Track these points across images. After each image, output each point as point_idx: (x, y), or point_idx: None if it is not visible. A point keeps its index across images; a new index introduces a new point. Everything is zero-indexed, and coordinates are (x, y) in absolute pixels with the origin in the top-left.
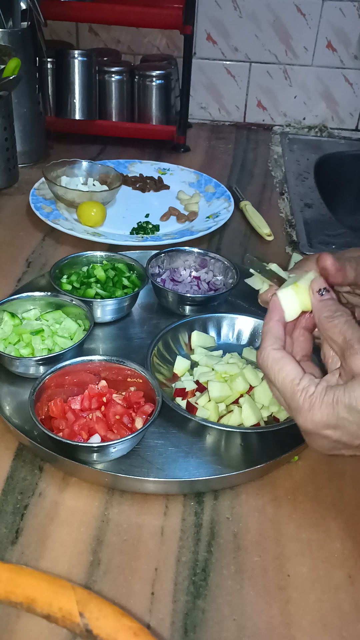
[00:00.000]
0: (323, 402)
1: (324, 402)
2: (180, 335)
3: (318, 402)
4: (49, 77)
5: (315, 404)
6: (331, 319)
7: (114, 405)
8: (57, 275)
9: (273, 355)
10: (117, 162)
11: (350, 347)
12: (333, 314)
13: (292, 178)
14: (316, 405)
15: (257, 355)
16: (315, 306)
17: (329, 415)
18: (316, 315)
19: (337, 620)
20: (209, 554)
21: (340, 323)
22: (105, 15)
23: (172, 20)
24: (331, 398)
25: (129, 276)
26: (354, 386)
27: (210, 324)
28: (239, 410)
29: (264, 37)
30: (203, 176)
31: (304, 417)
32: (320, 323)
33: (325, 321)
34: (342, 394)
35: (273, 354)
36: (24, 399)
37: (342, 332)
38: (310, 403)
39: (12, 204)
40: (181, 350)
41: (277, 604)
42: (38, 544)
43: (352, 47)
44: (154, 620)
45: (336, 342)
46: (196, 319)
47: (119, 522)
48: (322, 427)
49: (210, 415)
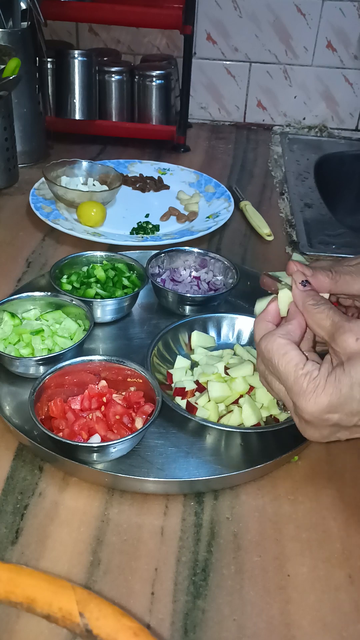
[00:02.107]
0: (327, 383)
1: (328, 382)
2: (180, 335)
3: (322, 384)
4: (49, 77)
5: (319, 385)
6: (317, 306)
7: (114, 405)
8: (57, 275)
9: (279, 341)
10: (117, 162)
11: (340, 327)
12: (317, 302)
13: (292, 178)
14: (320, 386)
15: (262, 341)
16: (299, 296)
17: (332, 395)
18: (301, 304)
19: (337, 620)
20: (209, 554)
21: (326, 309)
22: (105, 15)
23: (172, 20)
24: (333, 378)
25: (129, 276)
26: (353, 363)
27: (210, 324)
28: (238, 410)
29: (264, 37)
30: (203, 176)
31: (307, 400)
32: (307, 311)
33: (311, 308)
34: (342, 374)
35: (279, 340)
36: (24, 399)
37: (329, 316)
38: (315, 385)
39: (12, 204)
40: (181, 350)
41: (277, 604)
42: (38, 544)
43: (352, 47)
44: (154, 620)
45: (324, 326)
46: (196, 319)
47: (119, 522)
48: (325, 410)
49: (210, 415)
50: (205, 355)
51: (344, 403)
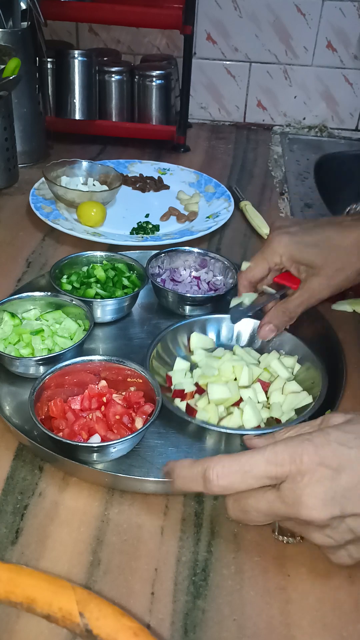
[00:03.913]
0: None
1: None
2: (179, 337)
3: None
4: (49, 77)
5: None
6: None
7: (114, 405)
8: (57, 275)
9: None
10: (117, 162)
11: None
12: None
13: (292, 178)
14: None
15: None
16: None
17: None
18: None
19: (337, 620)
20: (209, 554)
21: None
22: (105, 15)
23: (172, 20)
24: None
25: (129, 276)
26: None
27: (209, 326)
28: (239, 412)
29: (264, 37)
30: (203, 176)
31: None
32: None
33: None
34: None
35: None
36: (24, 399)
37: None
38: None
39: (12, 204)
40: (180, 352)
41: (277, 604)
42: (38, 544)
43: (352, 47)
44: (154, 620)
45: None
46: (195, 320)
47: (119, 522)
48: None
49: (210, 418)
50: (205, 356)
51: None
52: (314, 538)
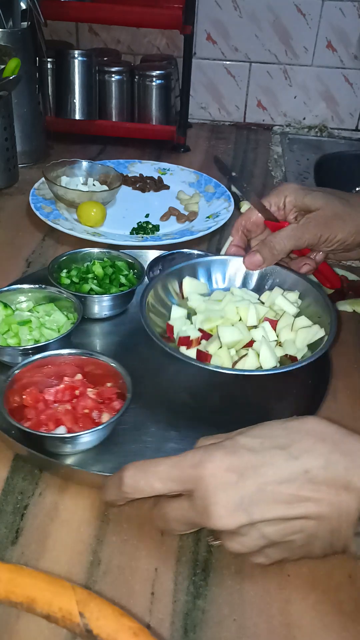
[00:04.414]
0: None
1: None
2: (169, 284)
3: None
4: (49, 77)
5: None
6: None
7: (84, 399)
8: (57, 270)
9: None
10: (117, 162)
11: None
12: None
13: (292, 178)
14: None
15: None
16: None
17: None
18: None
19: (337, 620)
20: (209, 554)
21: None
22: (105, 15)
23: (172, 20)
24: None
25: (127, 274)
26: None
27: (200, 270)
28: (253, 353)
29: (264, 37)
30: (203, 176)
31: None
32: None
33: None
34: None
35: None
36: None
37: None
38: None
39: (12, 204)
40: (173, 300)
41: (277, 604)
42: (38, 544)
43: (352, 47)
44: (154, 620)
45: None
46: (184, 266)
47: (119, 522)
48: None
49: (223, 362)
50: (204, 301)
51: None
52: (227, 546)
